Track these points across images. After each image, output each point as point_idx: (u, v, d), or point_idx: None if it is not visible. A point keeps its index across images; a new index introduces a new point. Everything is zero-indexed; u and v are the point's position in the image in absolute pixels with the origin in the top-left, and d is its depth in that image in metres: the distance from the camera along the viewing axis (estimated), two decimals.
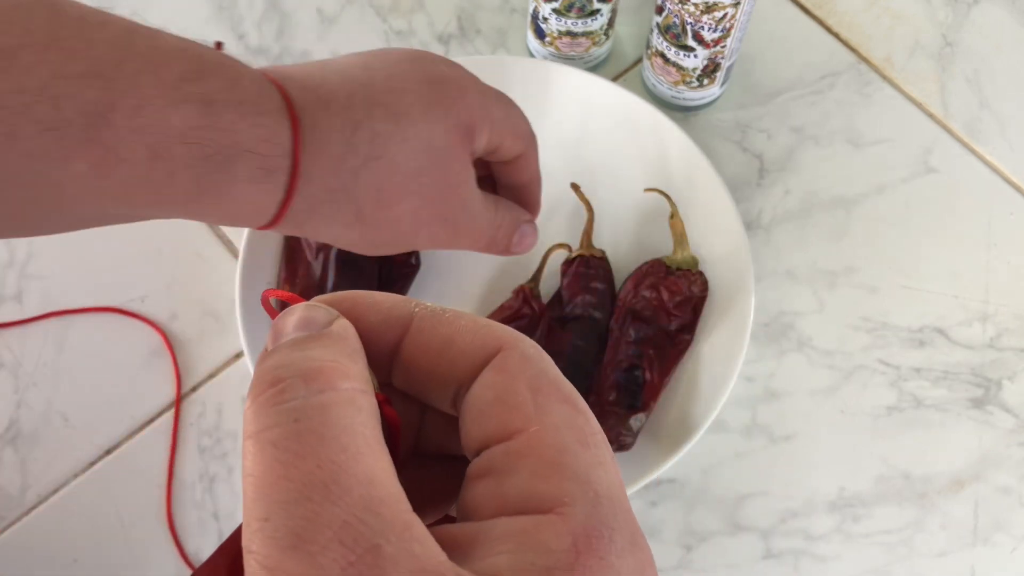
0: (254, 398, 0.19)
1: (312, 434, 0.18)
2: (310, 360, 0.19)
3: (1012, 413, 0.58)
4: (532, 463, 0.19)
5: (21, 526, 0.55)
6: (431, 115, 0.40)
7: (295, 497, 0.17)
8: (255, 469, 0.18)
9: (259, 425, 0.18)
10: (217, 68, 0.34)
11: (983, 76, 0.66)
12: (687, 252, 0.57)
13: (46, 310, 0.59)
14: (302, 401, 0.18)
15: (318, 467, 0.17)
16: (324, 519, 0.17)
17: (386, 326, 0.22)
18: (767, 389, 0.58)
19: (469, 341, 0.21)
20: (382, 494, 0.18)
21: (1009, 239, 0.62)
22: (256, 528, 0.17)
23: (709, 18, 0.55)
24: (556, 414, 0.20)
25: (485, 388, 0.20)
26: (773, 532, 0.55)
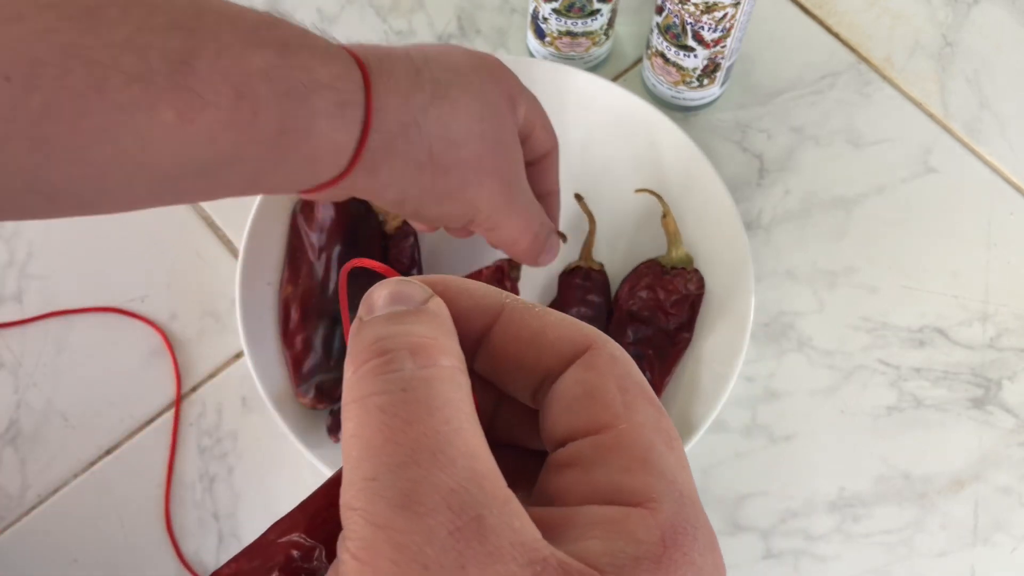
0: (359, 365, 0.20)
1: (419, 404, 0.19)
2: (414, 335, 0.20)
3: (1012, 413, 0.58)
4: (621, 458, 0.20)
5: (21, 526, 0.55)
6: (481, 75, 0.43)
7: (404, 460, 0.18)
8: (362, 431, 0.19)
9: (366, 391, 0.19)
10: (285, 22, 0.37)
11: (983, 76, 0.66)
12: (681, 251, 0.57)
13: (46, 310, 0.59)
14: (409, 373, 0.19)
15: (424, 435, 0.18)
16: (432, 484, 0.18)
17: (476, 312, 0.22)
18: (767, 389, 0.58)
19: (559, 336, 0.22)
20: (483, 468, 0.18)
21: (1009, 239, 0.62)
22: (362, 487, 0.18)
23: (709, 18, 0.55)
24: (644, 414, 0.21)
25: (575, 383, 0.21)
26: (773, 532, 0.55)
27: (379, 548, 0.17)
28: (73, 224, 0.62)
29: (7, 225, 0.61)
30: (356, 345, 0.20)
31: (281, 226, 0.58)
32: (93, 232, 0.61)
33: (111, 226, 0.61)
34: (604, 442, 0.20)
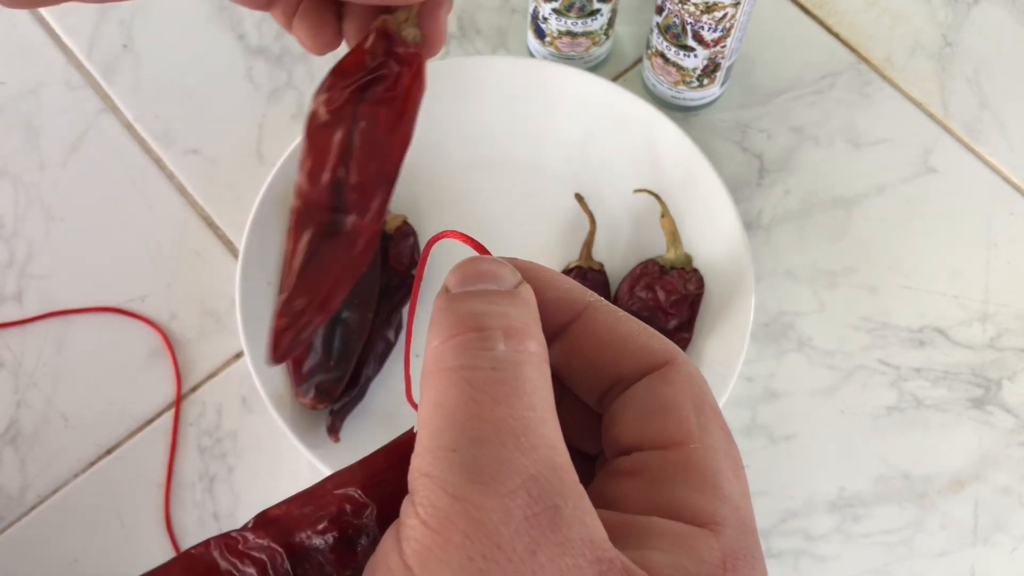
0: (449, 336, 0.20)
1: (508, 385, 0.19)
2: (508, 317, 0.20)
3: (1012, 413, 0.58)
4: (691, 478, 0.20)
5: (21, 526, 0.55)
6: None
7: (489, 438, 0.18)
8: (447, 401, 0.19)
9: (455, 362, 0.19)
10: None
11: (983, 76, 0.66)
12: (680, 251, 0.57)
13: (46, 310, 0.59)
14: (501, 353, 0.19)
15: (511, 416, 0.18)
16: (516, 466, 0.18)
17: (559, 305, 0.22)
18: (767, 389, 0.58)
19: (640, 345, 0.22)
20: (562, 461, 0.19)
21: (1009, 239, 0.62)
22: (441, 456, 0.18)
23: (709, 18, 0.55)
24: (716, 437, 0.21)
25: (649, 395, 0.21)
26: (773, 532, 0.55)
27: (453, 519, 0.17)
28: (73, 224, 0.62)
29: (7, 225, 0.61)
30: (448, 316, 0.20)
31: (281, 226, 0.58)
32: (93, 232, 0.61)
33: (111, 226, 0.61)
34: (675, 459, 0.21)
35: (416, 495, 0.18)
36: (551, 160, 0.62)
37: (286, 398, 0.54)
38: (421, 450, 0.19)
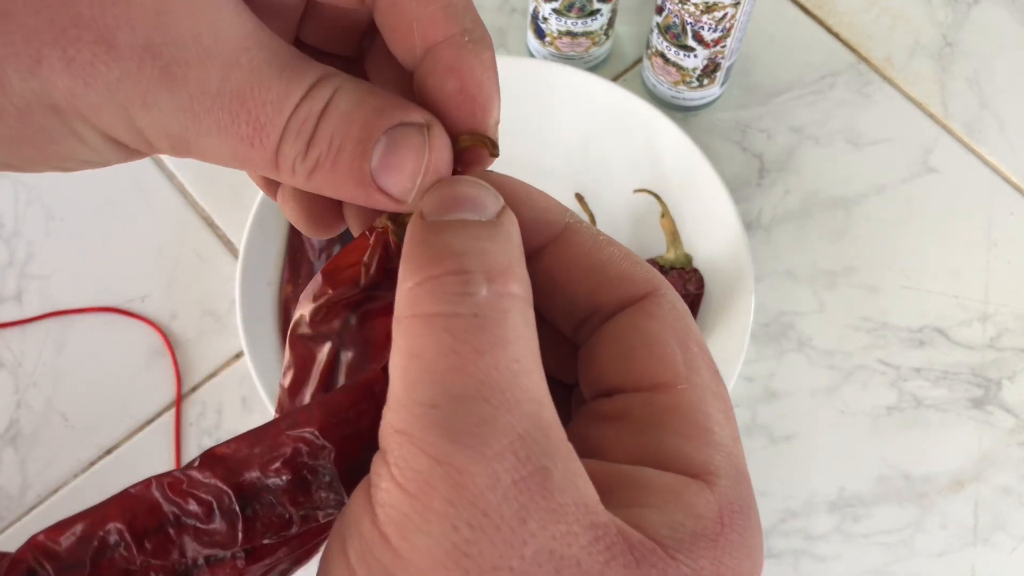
0: (427, 277, 0.18)
1: (491, 334, 0.17)
2: (490, 254, 0.18)
3: (1012, 413, 0.58)
4: (680, 423, 0.19)
5: (21, 526, 0.55)
6: None
7: (472, 394, 0.16)
8: (424, 351, 0.17)
9: (433, 308, 0.17)
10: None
11: (983, 76, 0.66)
12: (680, 251, 0.57)
13: (46, 310, 0.59)
14: (483, 299, 0.17)
15: (496, 368, 0.17)
16: (501, 426, 0.16)
17: (535, 226, 0.21)
18: (767, 389, 0.58)
19: (621, 273, 0.20)
20: (549, 417, 0.17)
21: (1009, 239, 0.62)
22: (420, 413, 0.16)
23: (709, 18, 0.55)
24: (704, 376, 0.19)
25: (631, 330, 0.20)
26: (773, 532, 0.55)
27: (435, 484, 0.16)
28: (73, 224, 0.62)
29: (7, 225, 0.61)
30: (423, 252, 0.18)
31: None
32: (93, 232, 0.61)
33: (111, 226, 0.61)
34: (661, 402, 0.19)
35: (390, 454, 0.17)
36: (551, 160, 0.62)
37: None
38: (395, 404, 0.17)
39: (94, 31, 0.17)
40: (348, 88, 0.20)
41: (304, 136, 0.19)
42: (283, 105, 0.19)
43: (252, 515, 0.19)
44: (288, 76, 0.19)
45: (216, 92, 0.18)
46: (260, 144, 0.19)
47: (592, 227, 0.21)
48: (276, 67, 0.19)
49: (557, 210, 0.21)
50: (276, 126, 0.19)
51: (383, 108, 0.20)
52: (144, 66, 0.18)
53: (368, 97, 0.20)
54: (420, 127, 0.20)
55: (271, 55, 0.19)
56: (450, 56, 0.20)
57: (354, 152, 0.19)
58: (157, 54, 0.18)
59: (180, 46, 0.18)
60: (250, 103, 0.19)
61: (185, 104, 0.18)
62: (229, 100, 0.18)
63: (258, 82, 0.19)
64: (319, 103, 0.19)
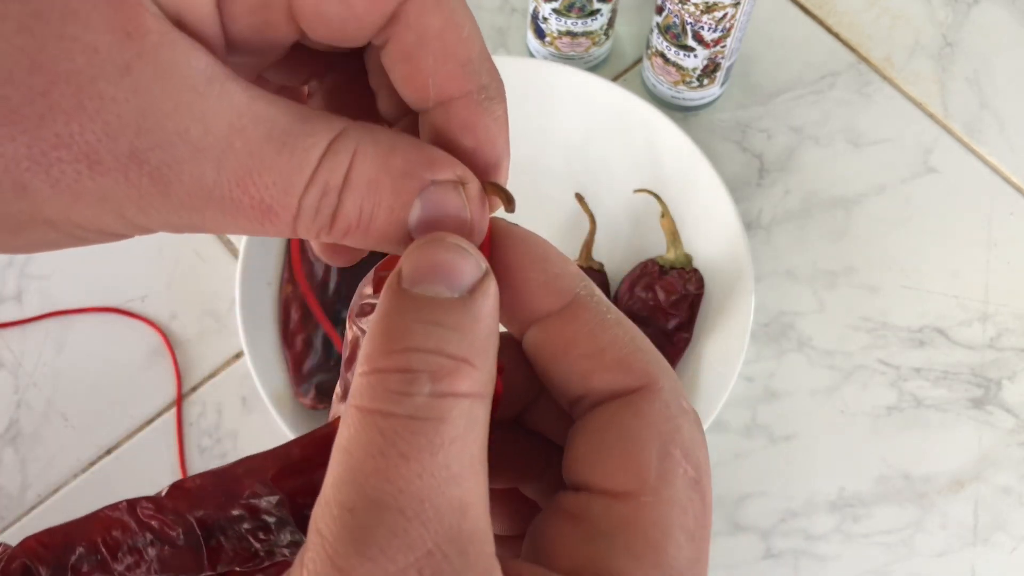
0: (374, 368, 0.17)
1: (423, 438, 0.16)
2: (443, 351, 0.17)
3: (1012, 413, 0.58)
4: (632, 539, 0.18)
5: (21, 526, 0.55)
6: None
7: (388, 503, 0.16)
8: (353, 448, 0.17)
9: (371, 404, 0.17)
10: None
11: (983, 76, 0.66)
12: (680, 250, 0.57)
13: (46, 310, 0.59)
14: (423, 400, 0.17)
15: (419, 476, 0.16)
16: (411, 540, 0.16)
17: (543, 292, 0.20)
18: (767, 389, 0.58)
19: (618, 359, 0.19)
20: (471, 528, 0.17)
21: (1009, 239, 0.62)
22: (337, 515, 0.16)
23: (709, 18, 0.55)
24: (675, 489, 0.18)
25: (612, 426, 0.19)
26: (773, 532, 0.55)
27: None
28: None
29: None
30: (381, 337, 0.17)
31: None
32: None
33: None
34: (620, 512, 0.18)
35: (307, 553, 0.16)
36: (551, 160, 0.62)
37: (286, 398, 0.54)
38: (322, 499, 0.17)
39: (74, 149, 0.17)
40: (368, 149, 0.18)
41: (326, 211, 0.18)
42: (290, 185, 0.18)
43: (216, 546, 0.20)
44: (292, 150, 0.18)
45: (213, 184, 0.17)
46: (272, 223, 0.18)
47: (603, 302, 0.20)
48: (277, 142, 0.18)
49: (570, 278, 0.20)
50: (287, 207, 0.18)
51: (412, 169, 0.19)
52: (131, 174, 0.17)
53: (393, 157, 0.19)
54: (455, 184, 0.19)
55: (269, 129, 0.18)
56: (466, 115, 0.20)
57: (388, 220, 0.19)
58: (144, 160, 0.17)
59: (167, 146, 0.17)
60: (252, 188, 0.18)
61: (183, 202, 0.18)
62: (229, 189, 0.18)
63: (257, 165, 0.18)
64: (338, 174, 0.18)
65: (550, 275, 0.20)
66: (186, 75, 0.17)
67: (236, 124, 0.17)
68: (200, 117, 0.17)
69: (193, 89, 0.17)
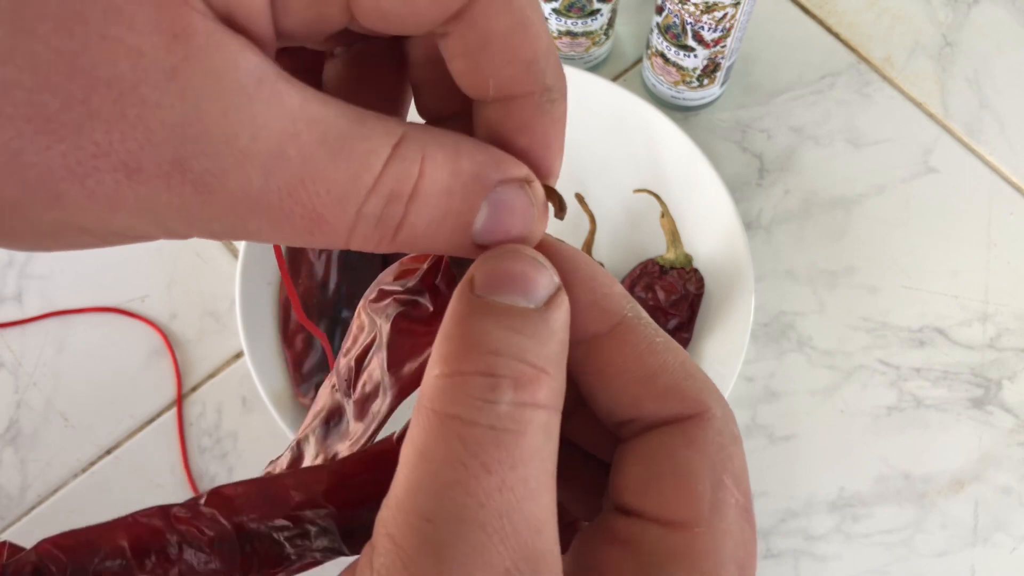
0: (455, 370, 0.17)
1: (504, 451, 0.16)
2: (525, 360, 0.17)
3: (1012, 413, 0.58)
4: (686, 570, 0.17)
5: (21, 526, 0.55)
6: None
7: (470, 517, 0.16)
8: (433, 455, 0.16)
9: (452, 409, 0.16)
10: None
11: (983, 76, 0.66)
12: (680, 250, 0.57)
13: (46, 310, 0.59)
14: (505, 408, 0.16)
15: (499, 491, 0.16)
16: (490, 557, 0.15)
17: (592, 312, 0.19)
18: (767, 389, 0.58)
19: (669, 386, 0.19)
20: (543, 548, 0.16)
21: (1009, 239, 0.62)
22: (415, 525, 0.16)
23: (709, 18, 0.55)
24: (729, 522, 0.18)
25: (664, 453, 0.18)
26: (773, 532, 0.55)
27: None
28: None
29: None
30: (460, 339, 0.17)
31: None
32: None
33: None
34: (674, 542, 0.18)
35: (376, 556, 0.16)
36: None
37: (286, 398, 0.54)
38: (394, 502, 0.16)
39: (113, 158, 0.15)
40: (437, 154, 0.18)
41: (391, 221, 0.17)
42: (347, 195, 0.17)
43: (251, 552, 0.20)
44: (349, 156, 0.17)
45: (260, 193, 0.16)
46: (324, 233, 0.17)
47: (651, 325, 0.20)
48: (332, 148, 0.16)
49: (617, 298, 0.19)
50: (342, 217, 0.17)
51: (481, 172, 0.18)
52: (173, 183, 0.16)
53: (460, 160, 0.18)
54: (522, 183, 0.19)
55: (324, 133, 0.16)
56: (526, 116, 0.19)
57: (456, 225, 0.18)
58: (187, 168, 0.16)
59: (213, 154, 0.16)
60: (304, 197, 0.17)
61: (227, 211, 0.16)
62: (278, 199, 0.16)
63: (310, 173, 0.16)
64: (406, 184, 0.17)
65: (599, 295, 0.19)
66: (235, 78, 0.16)
67: (289, 129, 0.16)
68: (249, 122, 0.16)
69: (243, 93, 0.16)
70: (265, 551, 0.20)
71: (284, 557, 0.20)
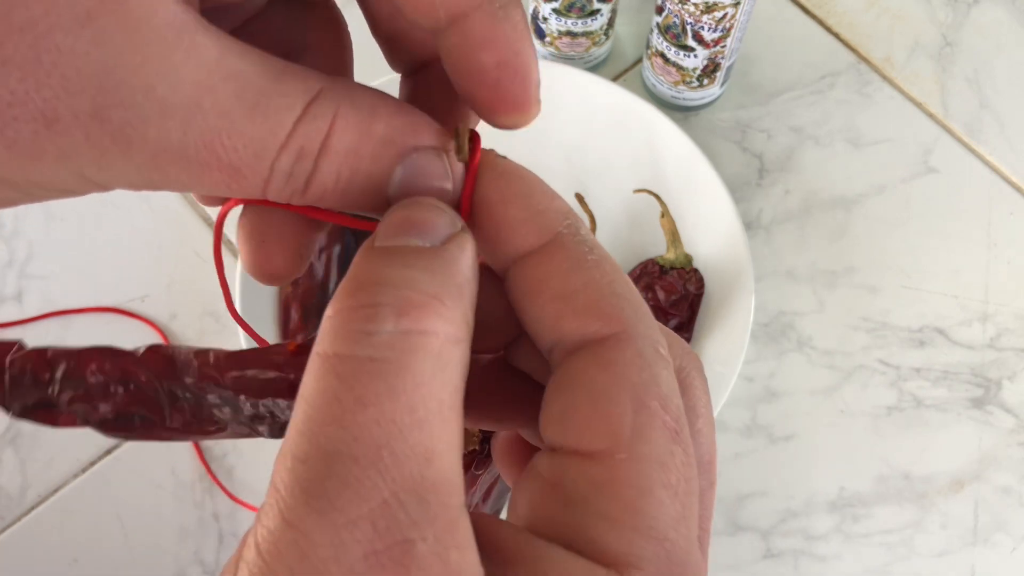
0: (340, 307, 0.16)
1: (383, 381, 0.15)
2: (411, 288, 0.16)
3: (1012, 413, 0.58)
4: (608, 502, 0.16)
5: (21, 526, 0.55)
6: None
7: (342, 451, 0.15)
8: (310, 397, 0.15)
9: (331, 347, 0.16)
10: None
11: (983, 76, 0.66)
12: (680, 250, 0.57)
13: (46, 310, 0.59)
14: (386, 337, 0.15)
15: (377, 423, 0.15)
16: (365, 489, 0.15)
17: (524, 228, 0.18)
18: (767, 389, 0.58)
19: (590, 303, 0.18)
20: (435, 477, 0.15)
21: (1009, 239, 0.62)
22: (290, 467, 0.15)
23: (709, 18, 0.55)
24: (653, 444, 0.17)
25: (581, 379, 0.17)
26: (773, 532, 0.55)
27: (282, 550, 0.15)
28: (73, 224, 0.62)
29: (7, 225, 0.61)
30: (350, 280, 0.16)
31: None
32: (93, 232, 0.61)
33: (111, 226, 0.61)
34: (594, 474, 0.17)
35: (262, 509, 0.15)
36: (551, 160, 0.62)
37: None
38: (281, 454, 0.16)
39: (30, 107, 0.15)
40: (348, 113, 0.18)
41: (301, 176, 0.17)
42: (262, 149, 0.17)
43: (182, 405, 0.23)
44: (264, 112, 0.17)
45: (179, 145, 0.16)
46: (240, 185, 0.17)
47: (587, 241, 0.18)
48: (248, 103, 0.16)
49: (553, 214, 0.19)
50: (257, 171, 0.17)
51: (394, 135, 0.18)
52: (92, 133, 0.16)
53: (375, 122, 0.18)
54: (438, 151, 0.19)
55: (241, 87, 0.16)
56: (484, 28, 0.18)
57: (366, 185, 0.18)
58: (106, 118, 0.16)
59: (131, 105, 0.16)
60: (220, 150, 0.17)
61: (146, 162, 0.16)
62: (195, 151, 0.16)
63: (227, 126, 0.16)
64: (315, 140, 0.17)
65: (532, 211, 0.19)
66: (153, 26, 0.15)
67: (205, 82, 0.16)
68: (167, 73, 0.16)
69: (161, 42, 0.15)
70: (193, 408, 0.22)
71: (213, 420, 0.22)
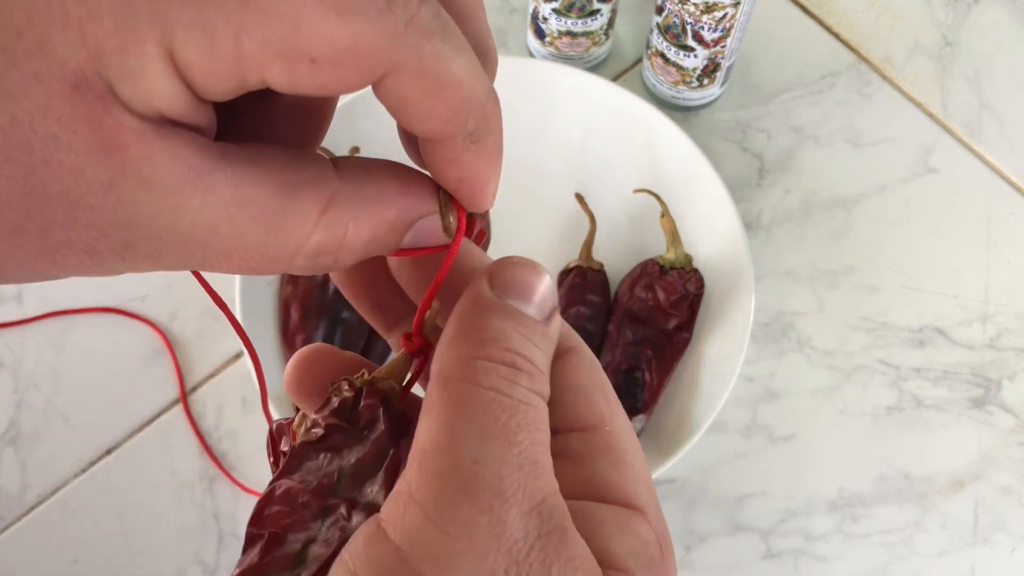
0: (482, 355, 0.20)
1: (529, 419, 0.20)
2: (534, 358, 0.21)
3: (1012, 413, 0.58)
4: (612, 460, 0.21)
5: (21, 526, 0.55)
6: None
7: (515, 460, 0.19)
8: (478, 415, 0.19)
9: (490, 383, 0.20)
10: None
11: (983, 76, 0.66)
12: (680, 250, 0.57)
13: (46, 310, 0.59)
14: (523, 392, 0.20)
15: (531, 445, 0.20)
16: (532, 490, 0.19)
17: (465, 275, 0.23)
18: (767, 389, 0.58)
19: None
20: (556, 489, 0.20)
21: (1009, 239, 0.62)
22: (462, 466, 0.19)
23: (709, 18, 0.55)
24: (623, 419, 0.23)
25: (562, 382, 0.22)
26: (773, 532, 0.55)
27: (474, 531, 0.18)
28: None
29: None
30: (480, 328, 0.21)
31: None
32: None
33: None
34: (596, 442, 0.22)
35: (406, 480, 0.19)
36: (551, 160, 0.62)
37: (286, 398, 0.54)
38: (434, 448, 0.19)
39: (75, 247, 0.19)
40: (361, 214, 0.21)
41: (322, 267, 0.21)
42: (280, 256, 0.20)
43: None
44: (278, 231, 0.19)
45: (202, 259, 0.20)
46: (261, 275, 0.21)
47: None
48: (263, 224, 0.19)
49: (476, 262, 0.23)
50: (276, 269, 0.20)
51: (404, 216, 0.21)
52: (127, 256, 0.19)
53: (385, 210, 0.21)
54: (435, 215, 0.22)
55: (256, 212, 0.19)
56: (453, 154, 0.21)
57: (381, 252, 0.22)
58: (136, 248, 0.19)
59: (156, 239, 0.19)
60: (239, 260, 0.20)
61: (172, 267, 0.20)
62: (216, 260, 0.20)
63: (244, 246, 0.19)
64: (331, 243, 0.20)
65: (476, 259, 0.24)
66: (168, 184, 0.18)
67: (222, 214, 0.19)
68: (184, 215, 0.18)
69: (176, 194, 0.18)
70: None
71: None
